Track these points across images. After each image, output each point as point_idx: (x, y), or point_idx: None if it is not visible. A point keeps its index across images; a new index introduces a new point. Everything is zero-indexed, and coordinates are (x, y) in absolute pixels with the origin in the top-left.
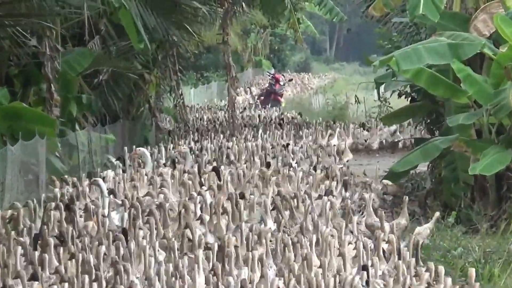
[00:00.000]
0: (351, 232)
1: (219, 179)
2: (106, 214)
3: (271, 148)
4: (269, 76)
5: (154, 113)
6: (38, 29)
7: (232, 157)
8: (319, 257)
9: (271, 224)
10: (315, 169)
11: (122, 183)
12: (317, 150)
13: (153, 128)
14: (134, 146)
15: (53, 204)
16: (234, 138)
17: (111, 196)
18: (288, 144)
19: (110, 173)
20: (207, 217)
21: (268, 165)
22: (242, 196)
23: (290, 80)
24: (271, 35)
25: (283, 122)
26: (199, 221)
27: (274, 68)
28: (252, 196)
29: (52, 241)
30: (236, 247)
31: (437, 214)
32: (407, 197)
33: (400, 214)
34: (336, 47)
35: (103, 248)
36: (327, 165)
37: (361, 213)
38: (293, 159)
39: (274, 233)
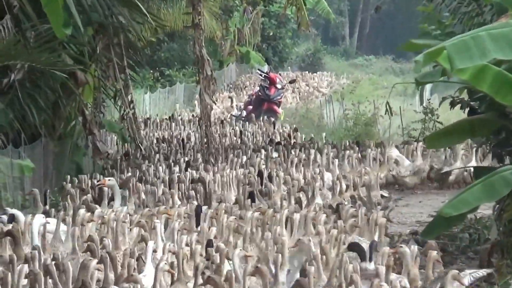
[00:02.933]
0: None
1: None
2: None
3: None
4: (261, 76)
5: (90, 129)
6: None
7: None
8: None
9: None
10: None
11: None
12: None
13: (89, 151)
14: (70, 177)
15: None
16: (210, 167)
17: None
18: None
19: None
20: None
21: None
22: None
23: (292, 81)
24: (263, 15)
25: (279, 141)
26: None
27: (268, 64)
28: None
29: None
30: None
31: (507, 278)
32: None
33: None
34: (360, 33)
35: None
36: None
37: None
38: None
39: None
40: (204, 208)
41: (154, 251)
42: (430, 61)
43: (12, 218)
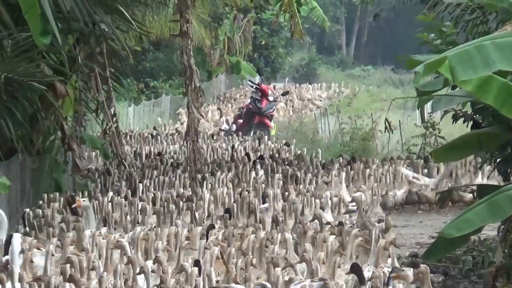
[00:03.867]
0: None
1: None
2: None
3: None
4: (252, 87)
5: (70, 144)
6: None
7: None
8: None
9: None
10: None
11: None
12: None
13: (68, 167)
14: (46, 195)
15: None
16: (196, 184)
17: None
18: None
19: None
20: None
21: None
22: None
23: (285, 93)
24: (255, 23)
25: (261, 155)
26: None
27: (259, 75)
28: None
29: None
30: None
31: None
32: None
33: None
34: (357, 42)
35: None
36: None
37: None
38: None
39: None
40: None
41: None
42: (430, 72)
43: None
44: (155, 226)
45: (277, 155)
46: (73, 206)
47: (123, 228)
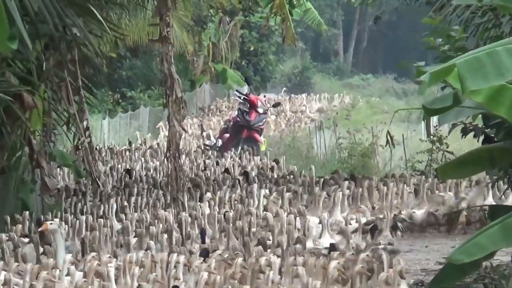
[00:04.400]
0: None
1: None
2: None
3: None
4: (239, 98)
5: (39, 161)
6: None
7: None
8: None
9: None
10: None
11: None
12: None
13: (37, 186)
14: (12, 217)
15: None
16: (177, 206)
17: None
18: None
19: None
20: None
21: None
22: None
23: (276, 105)
24: (243, 27)
25: (245, 171)
26: None
27: (248, 85)
28: None
29: None
30: None
31: None
32: None
33: None
34: (356, 48)
35: None
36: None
37: None
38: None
39: None
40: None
41: None
42: (437, 81)
43: None
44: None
45: (266, 172)
46: (39, 230)
47: (103, 252)
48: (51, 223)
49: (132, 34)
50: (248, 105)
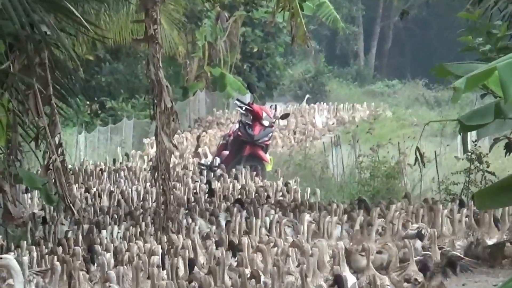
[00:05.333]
0: None
1: None
2: None
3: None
4: (241, 108)
5: (1, 184)
6: None
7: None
8: None
9: None
10: None
11: None
12: None
13: None
14: None
15: None
16: (168, 236)
17: None
18: None
19: None
20: None
21: None
22: None
23: (285, 116)
24: (245, 24)
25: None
26: None
27: (251, 93)
28: None
29: None
30: None
31: None
32: None
33: None
34: (379, 49)
35: None
36: None
37: None
38: None
39: None
40: None
41: None
42: (474, 87)
43: None
44: None
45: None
46: None
47: None
48: (2, 257)
49: (113, 33)
50: (251, 117)
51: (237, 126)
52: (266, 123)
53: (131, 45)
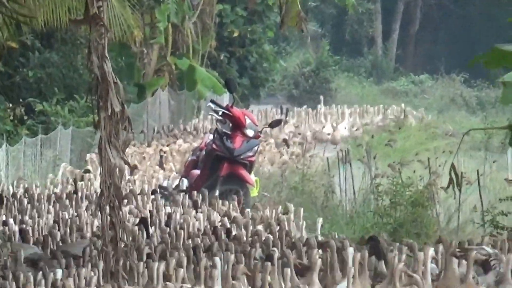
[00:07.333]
0: None
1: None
2: None
3: None
4: (217, 113)
5: None
6: None
7: None
8: None
9: None
10: None
11: None
12: None
13: None
14: None
15: None
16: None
17: None
18: None
19: None
20: None
21: None
22: None
23: (276, 124)
24: (221, 1)
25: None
26: None
27: (230, 92)
28: None
29: None
30: None
31: None
32: None
33: None
34: (403, 35)
35: None
36: None
37: None
38: None
39: None
40: None
41: None
42: None
43: None
44: None
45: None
46: None
47: None
48: None
49: (44, 12)
50: (230, 125)
51: (211, 136)
52: (250, 133)
53: (68, 28)
